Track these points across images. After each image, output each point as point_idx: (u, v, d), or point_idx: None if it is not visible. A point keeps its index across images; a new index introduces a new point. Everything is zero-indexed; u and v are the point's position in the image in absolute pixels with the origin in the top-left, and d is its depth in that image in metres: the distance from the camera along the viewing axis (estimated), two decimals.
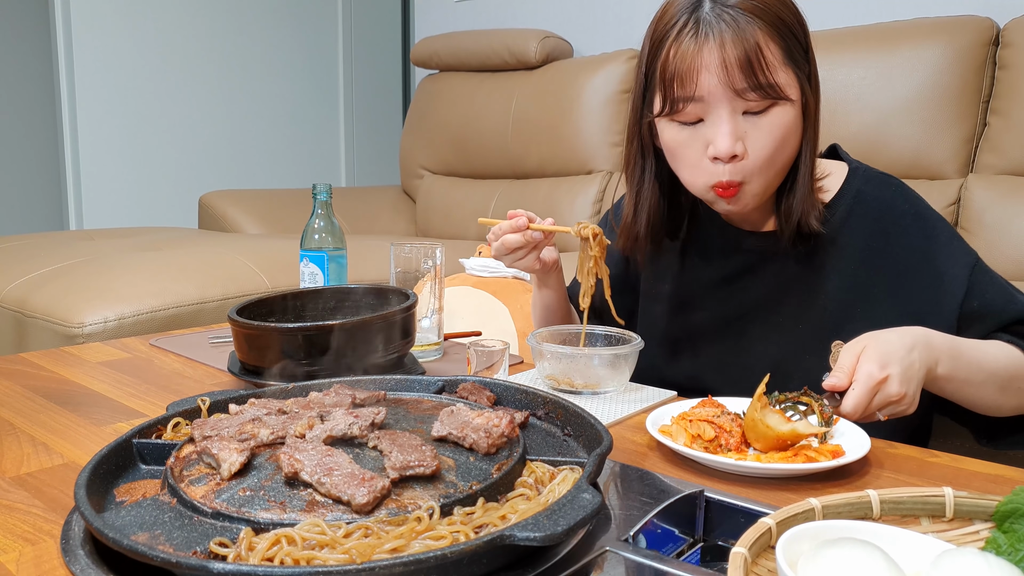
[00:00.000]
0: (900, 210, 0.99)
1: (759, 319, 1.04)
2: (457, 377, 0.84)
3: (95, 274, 1.75)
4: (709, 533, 0.68)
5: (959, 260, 0.97)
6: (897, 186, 1.02)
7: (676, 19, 0.93)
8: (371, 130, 4.09)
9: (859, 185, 1.01)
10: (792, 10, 0.92)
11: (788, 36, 0.91)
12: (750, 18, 0.89)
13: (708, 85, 0.90)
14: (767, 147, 0.92)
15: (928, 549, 0.48)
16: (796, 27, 0.92)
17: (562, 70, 2.72)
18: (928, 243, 0.98)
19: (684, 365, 1.09)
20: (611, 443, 0.65)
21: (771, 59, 0.90)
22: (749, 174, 0.93)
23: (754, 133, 0.92)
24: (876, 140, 1.99)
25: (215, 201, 2.87)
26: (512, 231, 1.04)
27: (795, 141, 0.95)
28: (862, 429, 0.80)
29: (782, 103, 0.91)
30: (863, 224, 0.99)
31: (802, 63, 0.93)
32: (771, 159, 0.93)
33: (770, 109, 0.91)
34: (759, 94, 0.90)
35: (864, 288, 0.98)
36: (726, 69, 0.89)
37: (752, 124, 0.92)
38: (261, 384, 0.93)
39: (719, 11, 0.90)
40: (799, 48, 0.93)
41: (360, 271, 1.86)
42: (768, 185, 0.96)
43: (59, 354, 1.19)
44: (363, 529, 0.52)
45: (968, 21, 1.92)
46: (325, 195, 1.31)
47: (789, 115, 0.92)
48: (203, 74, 3.46)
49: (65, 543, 0.55)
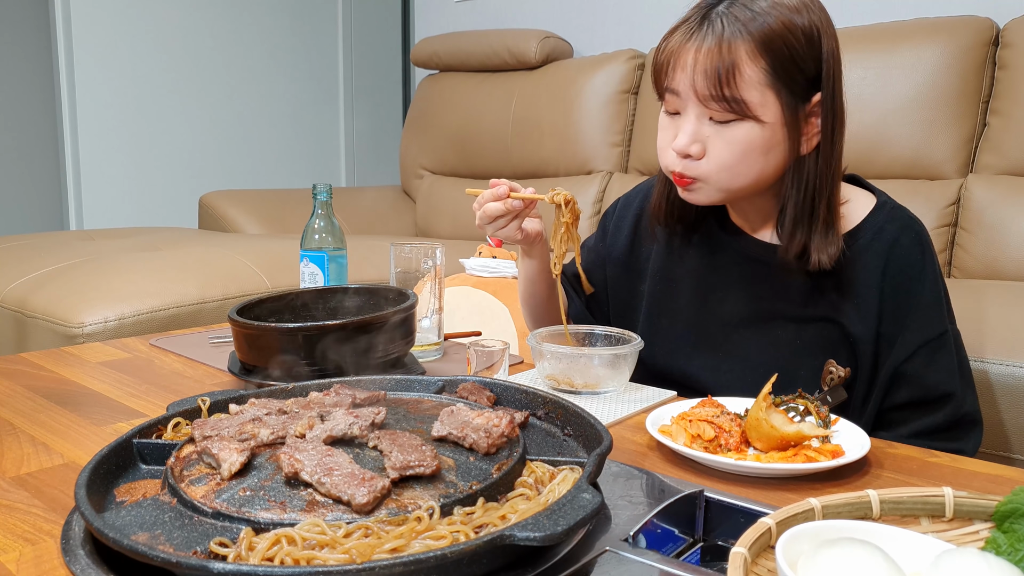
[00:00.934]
0: (911, 259, 0.98)
1: (755, 329, 1.04)
2: (457, 377, 0.84)
3: (95, 274, 1.75)
4: (709, 533, 0.68)
5: (922, 329, 0.96)
6: (917, 233, 1.00)
7: (691, 12, 0.95)
8: (371, 130, 4.09)
9: (883, 222, 1.00)
10: (802, 41, 0.91)
11: (783, 60, 0.90)
12: (742, 31, 0.89)
13: (681, 83, 0.93)
14: (724, 158, 0.94)
15: (928, 549, 0.48)
16: (801, 56, 0.91)
17: (562, 70, 2.72)
18: (909, 298, 0.97)
19: (679, 362, 1.09)
20: (611, 443, 0.65)
21: (747, 75, 0.90)
22: (704, 176, 0.96)
23: (715, 141, 0.94)
24: (876, 140, 1.99)
25: (215, 201, 2.87)
26: (493, 199, 1.05)
27: (764, 162, 0.94)
28: (862, 429, 0.80)
29: (748, 121, 0.91)
30: (876, 262, 0.98)
31: (798, 92, 0.92)
32: (728, 170, 0.94)
33: (735, 123, 0.92)
34: (722, 106, 0.91)
35: (860, 319, 0.98)
36: (695, 73, 0.91)
37: (716, 131, 0.93)
38: (261, 384, 0.93)
39: (722, 14, 0.91)
40: (797, 76, 0.91)
41: (360, 271, 1.86)
42: (725, 189, 0.96)
43: (59, 354, 1.19)
44: (363, 529, 0.52)
45: (968, 21, 1.92)
46: (325, 195, 1.31)
47: (755, 134, 0.92)
48: (203, 74, 3.46)
49: (65, 543, 0.55)
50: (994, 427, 1.26)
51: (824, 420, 0.79)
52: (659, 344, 1.10)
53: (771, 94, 0.91)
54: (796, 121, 0.93)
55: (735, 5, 0.91)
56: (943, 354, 0.97)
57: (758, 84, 0.90)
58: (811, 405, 0.80)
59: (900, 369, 0.96)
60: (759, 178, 0.96)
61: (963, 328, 1.29)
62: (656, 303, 1.14)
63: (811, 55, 0.92)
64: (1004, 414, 1.25)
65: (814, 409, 0.79)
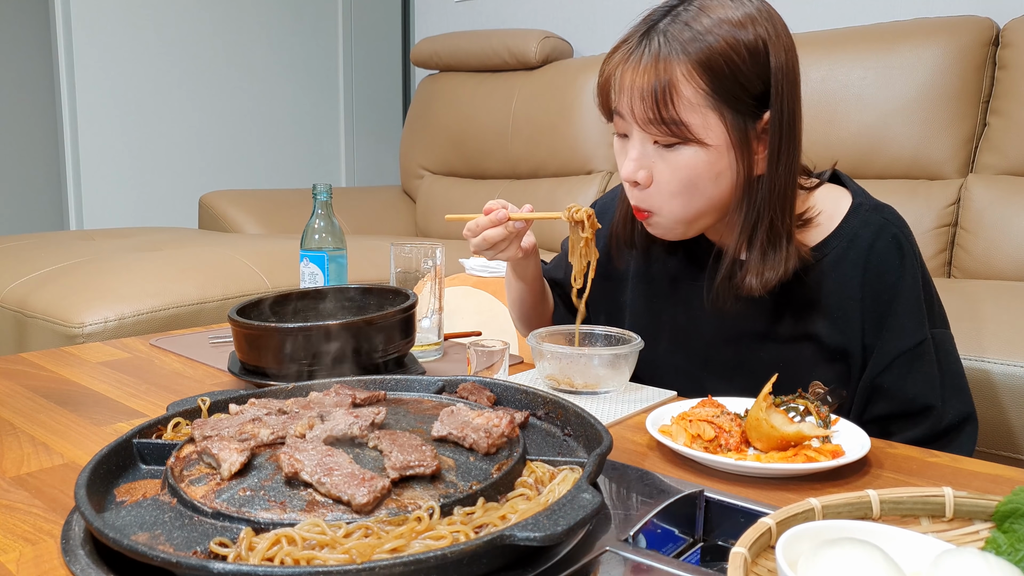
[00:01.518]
0: (888, 265, 0.94)
1: (738, 349, 1.02)
2: (457, 377, 0.84)
3: (95, 274, 1.75)
4: (709, 533, 0.68)
5: (899, 339, 0.93)
6: (894, 236, 0.94)
7: (635, 27, 0.91)
8: (371, 130, 4.09)
9: (857, 228, 0.95)
10: (746, 58, 0.86)
11: (724, 80, 0.85)
12: (679, 52, 0.85)
13: (623, 105, 0.89)
14: (670, 184, 0.90)
15: (928, 549, 0.48)
16: (745, 74, 0.86)
17: (562, 70, 2.72)
18: (887, 306, 0.93)
19: (662, 380, 1.06)
20: (611, 443, 0.65)
21: (685, 97, 0.85)
22: (656, 206, 0.92)
23: (660, 166, 0.90)
24: (876, 140, 1.99)
25: (215, 201, 2.87)
26: (492, 225, 1.00)
27: (715, 187, 0.90)
28: (862, 429, 0.80)
29: (693, 144, 0.88)
30: (853, 272, 0.94)
31: (744, 111, 0.87)
32: (677, 197, 0.90)
33: (679, 146, 0.88)
34: (662, 129, 0.87)
35: (840, 331, 0.96)
36: (632, 95, 0.87)
37: (660, 155, 0.90)
38: (261, 384, 0.93)
39: (661, 34, 0.87)
40: (742, 95, 0.87)
41: (360, 271, 1.86)
42: (683, 219, 0.93)
43: (59, 354, 1.19)
44: (363, 529, 0.52)
45: (968, 21, 1.93)
46: (325, 195, 1.31)
47: (700, 158, 0.88)
48: (203, 74, 3.45)
49: (65, 543, 0.55)
50: (1000, 427, 1.26)
51: (824, 420, 0.79)
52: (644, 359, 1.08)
53: (714, 116, 0.87)
54: (746, 141, 0.88)
55: (675, 23, 0.87)
56: (921, 364, 0.93)
57: (699, 106, 0.86)
58: (811, 405, 0.80)
59: (877, 381, 0.93)
60: (713, 204, 0.92)
61: (963, 328, 1.29)
62: (638, 316, 1.11)
63: (756, 72, 0.87)
64: (1010, 414, 1.25)
65: (814, 409, 0.79)
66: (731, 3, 0.88)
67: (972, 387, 1.21)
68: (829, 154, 1.99)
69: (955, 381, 0.95)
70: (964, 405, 0.95)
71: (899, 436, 0.93)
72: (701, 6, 0.88)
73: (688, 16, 0.87)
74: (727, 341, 1.02)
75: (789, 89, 0.89)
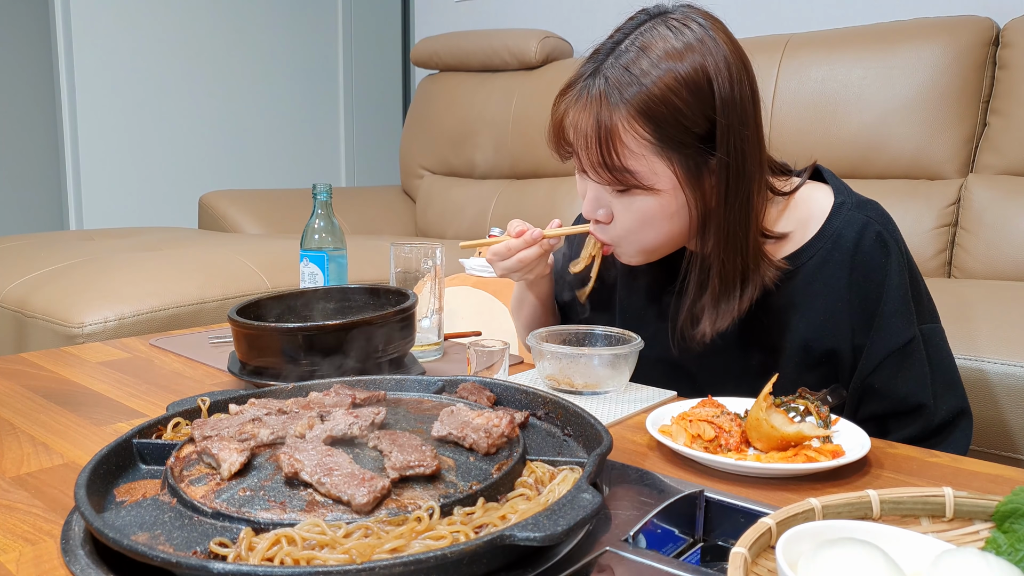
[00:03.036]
0: (873, 263, 0.92)
1: (725, 358, 1.01)
2: (457, 377, 0.84)
3: (95, 274, 1.75)
4: (709, 533, 0.68)
5: (887, 338, 0.92)
6: (878, 232, 0.92)
7: (584, 66, 0.90)
8: (371, 130, 4.09)
9: (840, 228, 0.93)
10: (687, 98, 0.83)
11: (667, 125, 0.83)
12: (619, 99, 0.84)
13: (577, 146, 0.89)
14: (627, 225, 0.90)
15: (928, 549, 0.48)
16: (689, 115, 0.83)
17: (562, 70, 2.72)
18: (875, 305, 0.92)
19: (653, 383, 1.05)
20: (611, 443, 0.65)
21: (630, 145, 0.84)
22: (616, 240, 0.93)
23: (617, 206, 0.91)
24: (876, 140, 1.99)
25: (215, 201, 2.87)
26: (527, 246, 0.99)
27: (671, 225, 0.90)
28: (862, 429, 0.80)
29: (642, 191, 0.87)
30: (839, 272, 0.93)
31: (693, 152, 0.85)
32: (635, 234, 0.91)
33: (632, 191, 0.88)
34: (608, 177, 0.86)
35: (830, 334, 0.95)
36: (578, 140, 0.87)
37: (616, 198, 0.90)
38: (261, 384, 0.93)
39: (603, 77, 0.86)
40: (688, 138, 0.84)
41: (360, 271, 1.86)
42: (643, 252, 0.94)
43: (59, 354, 1.19)
44: (363, 529, 0.52)
45: (968, 21, 1.92)
46: (325, 195, 1.31)
47: (651, 203, 0.88)
48: (203, 74, 3.46)
49: (65, 543, 0.55)
50: (998, 428, 1.26)
51: (824, 420, 0.79)
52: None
53: (660, 162, 0.85)
54: (697, 180, 0.86)
55: (615, 66, 0.85)
56: (911, 363, 0.92)
57: (643, 154, 0.85)
58: (811, 405, 0.80)
59: (868, 382, 0.93)
60: (671, 238, 0.92)
61: (963, 328, 1.29)
62: (627, 323, 1.11)
63: (701, 110, 0.84)
64: (1008, 415, 1.25)
65: (814, 409, 0.79)
66: (671, 33, 0.86)
67: (970, 387, 1.21)
68: (829, 154, 2.00)
69: (946, 377, 0.95)
70: (957, 400, 0.94)
71: (893, 435, 0.93)
72: (643, 45, 0.86)
73: (628, 58, 0.86)
74: (714, 352, 1.01)
75: (737, 122, 0.85)
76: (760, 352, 0.99)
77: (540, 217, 2.62)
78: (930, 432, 0.93)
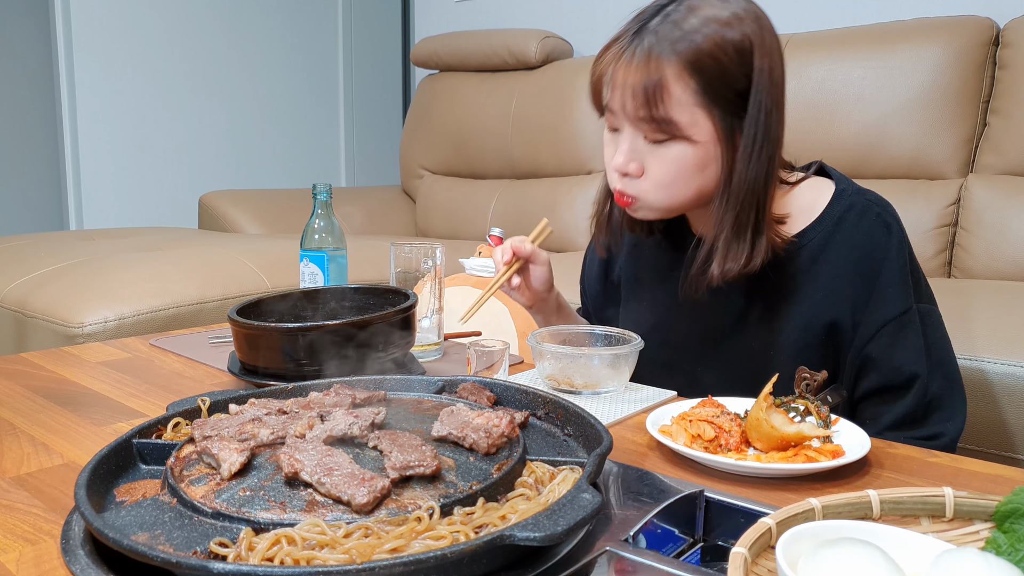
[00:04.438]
0: (876, 241, 0.96)
1: (727, 337, 1.03)
2: (457, 377, 0.84)
3: (95, 274, 1.75)
4: (709, 533, 0.68)
5: (885, 307, 0.94)
6: (878, 214, 0.97)
7: (627, 26, 0.94)
8: (371, 130, 4.09)
9: (841, 212, 0.98)
10: (733, 56, 0.88)
11: (712, 79, 0.88)
12: (670, 52, 0.88)
13: (615, 102, 0.93)
14: (660, 177, 0.93)
15: (928, 549, 0.48)
16: (732, 73, 0.89)
17: (562, 70, 2.72)
18: (875, 279, 0.95)
19: (660, 380, 1.06)
20: (611, 443, 0.65)
21: (675, 96, 0.88)
22: (643, 193, 0.95)
23: (650, 159, 0.93)
24: (876, 140, 1.99)
25: (215, 201, 2.87)
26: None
27: (701, 178, 0.93)
28: (862, 429, 0.80)
29: (681, 141, 0.91)
30: (840, 252, 0.96)
31: (731, 108, 0.90)
32: (665, 188, 0.94)
33: (668, 142, 0.92)
34: (652, 127, 0.90)
35: (830, 311, 0.97)
36: (624, 93, 0.90)
37: (650, 150, 0.93)
38: (261, 384, 0.93)
39: (652, 31, 0.89)
40: (729, 93, 0.90)
41: (360, 271, 1.86)
42: (666, 207, 0.96)
43: (59, 354, 1.19)
44: (363, 529, 0.52)
45: (968, 21, 1.92)
46: (325, 195, 1.31)
47: (688, 153, 0.91)
48: (203, 74, 3.45)
49: (65, 543, 0.55)
50: (998, 428, 1.26)
51: (824, 420, 0.79)
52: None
53: (701, 113, 0.90)
54: (731, 137, 0.92)
55: (666, 22, 0.89)
56: (907, 332, 0.95)
57: (687, 104, 0.89)
58: (811, 405, 0.80)
59: (865, 351, 0.95)
60: (698, 194, 0.95)
61: (963, 328, 1.29)
62: (630, 320, 1.14)
63: (743, 70, 0.90)
64: (1007, 414, 1.25)
65: (814, 409, 0.79)
66: (719, 3, 0.90)
67: (970, 387, 1.21)
68: (829, 154, 1.99)
69: (940, 354, 0.97)
70: (951, 373, 0.97)
71: (889, 416, 0.95)
72: (690, 6, 0.90)
73: (677, 16, 0.90)
74: (714, 333, 1.04)
75: (770, 88, 0.91)
76: (761, 330, 1.01)
77: (540, 216, 2.63)
78: (924, 406, 0.94)
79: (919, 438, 0.93)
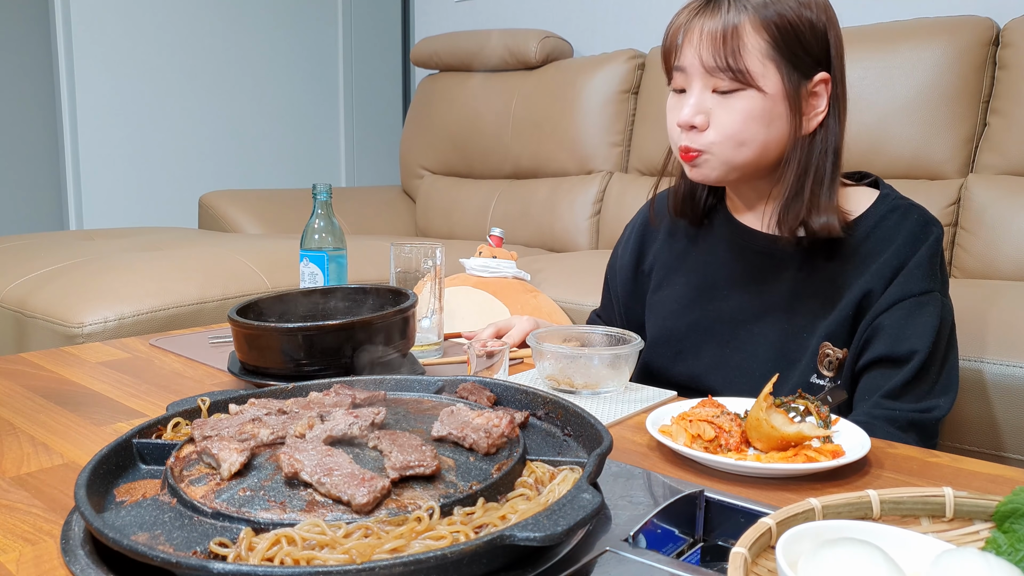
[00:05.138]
0: (917, 237, 1.00)
1: (760, 321, 1.05)
2: (457, 377, 0.84)
3: (95, 274, 1.75)
4: (709, 533, 0.68)
5: (906, 284, 0.98)
6: (921, 213, 1.02)
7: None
8: (371, 130, 4.09)
9: (884, 211, 1.02)
10: (807, 25, 0.96)
11: (786, 37, 0.95)
12: (750, 9, 0.94)
13: (688, 57, 0.97)
14: (727, 126, 0.97)
15: (928, 549, 0.48)
16: (805, 37, 0.96)
17: (562, 70, 2.72)
18: (904, 261, 0.99)
19: (687, 362, 1.10)
20: (611, 443, 0.65)
21: (749, 46, 0.94)
22: (708, 145, 0.99)
23: (718, 111, 0.97)
24: (876, 140, 1.99)
25: (215, 201, 2.86)
26: None
27: (767, 133, 0.97)
28: (862, 429, 0.80)
29: (750, 90, 0.95)
30: (881, 247, 1.00)
31: (800, 67, 0.96)
32: (731, 138, 0.97)
33: (738, 92, 0.96)
34: (727, 75, 0.95)
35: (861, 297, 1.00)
36: (701, 43, 0.96)
37: (719, 102, 0.97)
38: (261, 384, 0.93)
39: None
40: (800, 52, 0.95)
41: (360, 271, 1.86)
42: (730, 162, 0.99)
43: (59, 354, 1.19)
44: (363, 529, 0.52)
45: (968, 21, 1.92)
46: (325, 195, 1.31)
47: (756, 103, 0.96)
48: (203, 74, 3.45)
49: (65, 543, 0.55)
50: (997, 428, 1.26)
51: (824, 420, 0.79)
52: (662, 346, 1.11)
53: (772, 66, 0.95)
54: (797, 96, 0.96)
55: None
56: (923, 312, 0.97)
57: (760, 55, 0.94)
58: (811, 405, 0.80)
59: (878, 321, 0.97)
60: (762, 150, 0.98)
61: (962, 328, 1.29)
62: (660, 304, 1.15)
63: (815, 38, 0.96)
64: (1000, 414, 1.25)
65: (814, 409, 0.79)
66: None
67: (969, 387, 1.22)
68: None
69: (946, 342, 0.99)
70: (951, 359, 0.99)
71: (887, 385, 0.96)
72: None
73: None
74: (746, 315, 1.06)
75: (841, 62, 1.00)
76: (796, 314, 1.03)
77: (539, 216, 2.60)
78: (915, 379, 0.96)
79: (912, 410, 0.95)
